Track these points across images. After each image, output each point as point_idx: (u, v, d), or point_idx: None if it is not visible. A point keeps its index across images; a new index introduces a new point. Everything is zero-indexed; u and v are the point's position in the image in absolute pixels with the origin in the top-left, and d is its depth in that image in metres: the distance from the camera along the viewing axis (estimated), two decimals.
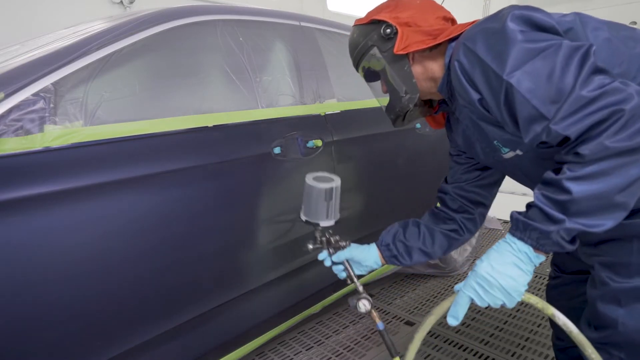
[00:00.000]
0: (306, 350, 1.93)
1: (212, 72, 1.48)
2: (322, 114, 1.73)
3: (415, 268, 2.54)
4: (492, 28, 0.82)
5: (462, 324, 2.11)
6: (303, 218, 1.21)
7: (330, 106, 1.78)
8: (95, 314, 1.12)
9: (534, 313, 2.19)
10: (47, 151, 1.03)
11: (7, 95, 1.00)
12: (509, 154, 0.95)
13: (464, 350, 1.90)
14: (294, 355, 1.90)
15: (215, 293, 1.40)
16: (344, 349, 1.93)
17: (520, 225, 0.82)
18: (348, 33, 2.06)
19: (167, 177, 1.23)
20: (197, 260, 1.32)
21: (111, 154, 1.14)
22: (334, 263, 1.23)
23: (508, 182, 1.36)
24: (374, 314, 1.19)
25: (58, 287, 1.04)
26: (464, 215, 1.21)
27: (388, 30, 1.00)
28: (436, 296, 2.40)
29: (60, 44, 1.19)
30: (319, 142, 1.64)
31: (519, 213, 0.83)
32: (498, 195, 1.29)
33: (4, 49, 1.50)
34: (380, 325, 1.19)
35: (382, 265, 1.27)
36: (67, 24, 1.81)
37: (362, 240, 1.96)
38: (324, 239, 1.22)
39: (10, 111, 0.99)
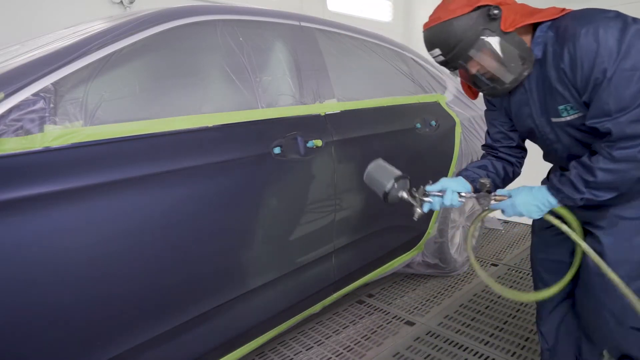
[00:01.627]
0: (306, 350, 1.93)
1: (212, 72, 1.48)
2: (322, 114, 1.73)
3: (415, 268, 2.54)
4: (617, 29, 1.00)
5: (462, 323, 2.11)
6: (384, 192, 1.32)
7: (330, 106, 1.78)
8: (95, 313, 1.12)
9: (534, 313, 2.19)
10: (47, 151, 1.03)
11: (7, 95, 1.00)
12: (567, 117, 1.16)
13: (464, 350, 1.90)
14: (294, 355, 1.90)
15: (215, 293, 1.40)
16: (344, 349, 1.93)
17: (555, 186, 1.16)
18: (348, 33, 2.06)
19: (167, 177, 1.23)
20: (197, 260, 1.32)
21: (111, 154, 1.14)
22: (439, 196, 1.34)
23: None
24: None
25: (58, 287, 1.04)
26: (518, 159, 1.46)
27: (496, 12, 1.10)
28: (436, 296, 2.40)
29: (60, 44, 1.19)
30: (319, 142, 1.64)
31: (555, 178, 1.17)
32: None
33: (4, 49, 1.50)
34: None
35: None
36: (67, 24, 1.81)
37: (363, 240, 1.97)
38: (416, 195, 1.33)
39: (10, 111, 0.99)
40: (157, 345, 1.26)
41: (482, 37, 1.11)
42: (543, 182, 1.41)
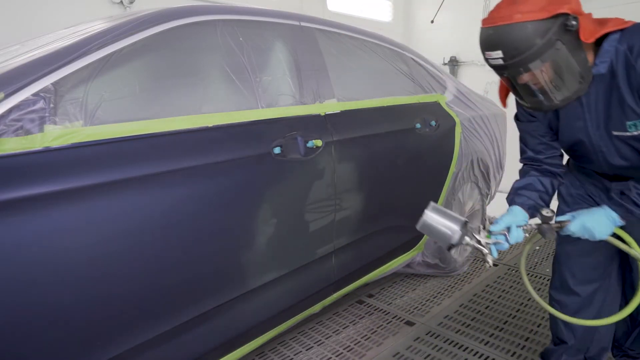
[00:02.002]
0: (306, 350, 1.93)
1: (212, 72, 1.48)
2: (322, 114, 1.73)
3: (415, 268, 2.54)
4: None
5: (462, 323, 2.11)
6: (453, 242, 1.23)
7: (330, 106, 1.78)
8: (95, 314, 1.12)
9: (534, 313, 2.19)
10: (47, 151, 1.03)
11: (7, 95, 1.00)
12: (635, 132, 1.15)
13: (464, 350, 1.90)
14: (294, 355, 1.90)
15: (215, 293, 1.40)
16: (344, 349, 1.93)
17: (617, 202, 1.18)
18: (348, 33, 2.06)
19: (167, 177, 1.23)
20: (197, 260, 1.32)
21: (111, 154, 1.14)
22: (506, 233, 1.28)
23: (508, 182, 1.40)
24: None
25: (58, 287, 1.04)
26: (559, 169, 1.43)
27: (574, 22, 1.03)
28: (436, 296, 2.40)
29: (60, 44, 1.19)
30: (319, 142, 1.64)
31: (616, 197, 1.21)
32: (498, 195, 1.36)
33: (4, 49, 1.50)
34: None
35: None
36: (67, 24, 1.81)
37: (363, 240, 1.97)
38: (480, 239, 1.25)
39: (10, 111, 0.99)
40: (157, 345, 1.26)
41: (553, 48, 1.03)
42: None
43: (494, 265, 2.79)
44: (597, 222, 1.18)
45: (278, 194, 1.54)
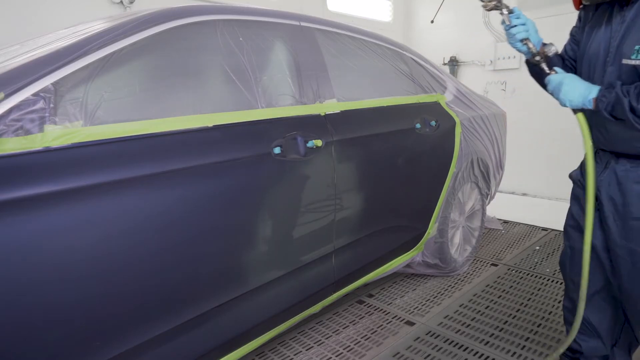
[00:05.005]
0: (306, 350, 1.93)
1: (212, 72, 1.48)
2: (322, 114, 1.73)
3: (415, 268, 2.54)
4: None
5: (462, 323, 2.11)
6: None
7: (330, 106, 1.78)
8: (95, 314, 1.12)
9: (534, 313, 2.19)
10: (47, 151, 1.03)
11: (7, 95, 1.00)
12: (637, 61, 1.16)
13: (464, 350, 1.90)
14: (294, 355, 1.90)
15: (215, 293, 1.40)
16: (344, 349, 1.93)
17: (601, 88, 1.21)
18: (348, 33, 2.06)
19: (167, 177, 1.23)
20: (197, 260, 1.32)
21: (111, 154, 1.14)
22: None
23: (508, 182, 1.39)
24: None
25: (58, 287, 1.04)
26: None
27: None
28: (436, 296, 2.40)
29: (60, 44, 1.19)
30: (319, 142, 1.64)
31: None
32: (498, 195, 1.36)
33: (4, 49, 1.50)
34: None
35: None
36: (67, 24, 1.81)
37: (363, 240, 1.97)
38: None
39: (10, 111, 0.99)
40: (158, 345, 1.26)
41: None
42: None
43: (494, 265, 2.79)
44: (574, 87, 1.23)
45: (278, 194, 1.54)
